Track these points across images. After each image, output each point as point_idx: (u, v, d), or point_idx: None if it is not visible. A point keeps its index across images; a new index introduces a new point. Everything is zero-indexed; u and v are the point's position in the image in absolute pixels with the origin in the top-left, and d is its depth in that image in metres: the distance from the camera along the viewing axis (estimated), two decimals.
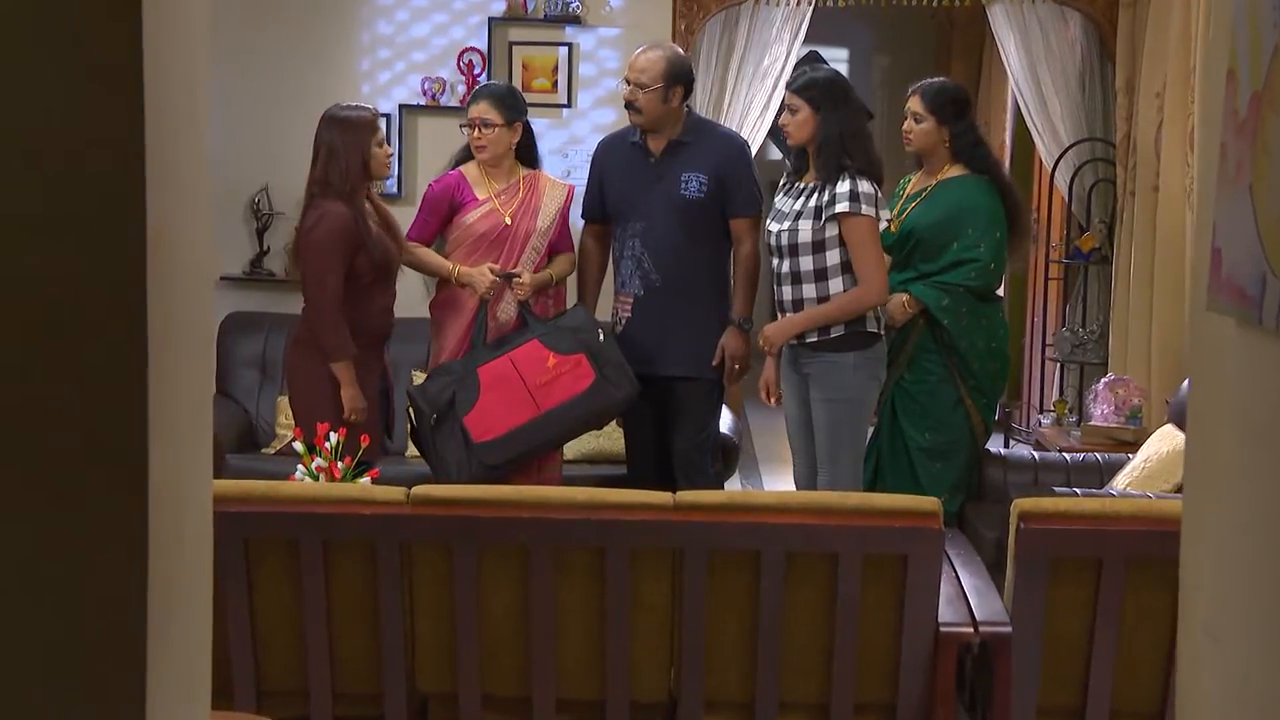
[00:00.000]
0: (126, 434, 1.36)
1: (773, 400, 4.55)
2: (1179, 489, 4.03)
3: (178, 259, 1.45)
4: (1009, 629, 3.07)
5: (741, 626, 3.07)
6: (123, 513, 1.37)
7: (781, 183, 4.45)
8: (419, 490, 3.14)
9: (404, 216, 4.65)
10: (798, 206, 4.30)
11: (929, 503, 3.10)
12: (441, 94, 5.79)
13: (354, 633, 3.13)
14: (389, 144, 5.68)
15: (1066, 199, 6.05)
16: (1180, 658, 1.58)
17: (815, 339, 4.28)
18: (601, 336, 4.33)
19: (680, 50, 4.70)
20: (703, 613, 3.04)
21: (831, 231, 4.23)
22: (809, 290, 4.27)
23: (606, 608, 3.05)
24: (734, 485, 5.96)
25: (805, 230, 4.25)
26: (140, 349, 1.36)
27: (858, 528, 3.03)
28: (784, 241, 4.29)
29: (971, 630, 3.09)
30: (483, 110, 4.42)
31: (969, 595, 3.27)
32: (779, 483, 6.39)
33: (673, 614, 3.08)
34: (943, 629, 3.07)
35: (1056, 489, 4.20)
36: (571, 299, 4.70)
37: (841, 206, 4.19)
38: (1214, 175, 1.45)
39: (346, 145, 4.20)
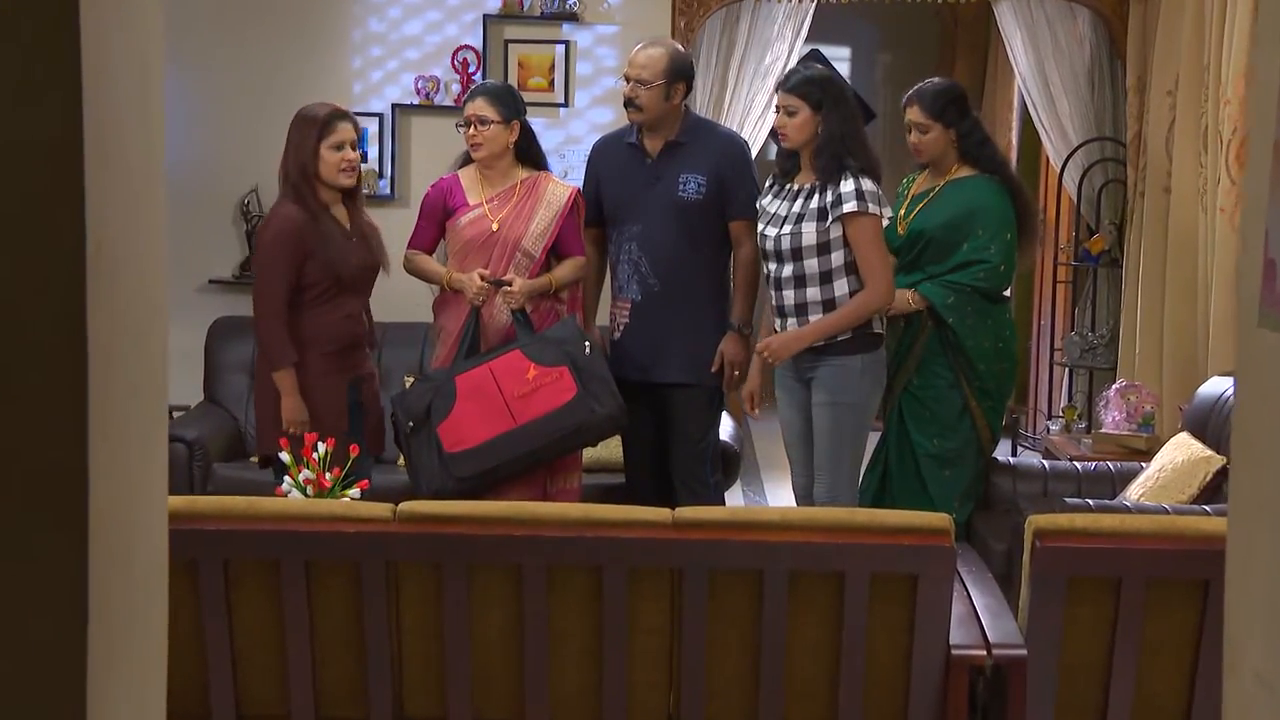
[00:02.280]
0: (63, 466, 1.25)
1: (756, 411, 4.43)
2: (1195, 500, 3.99)
3: (124, 272, 1.34)
4: (1023, 651, 2.97)
5: (744, 649, 2.97)
6: (59, 552, 1.26)
7: (768, 185, 4.32)
8: (406, 506, 3.04)
9: (397, 219, 4.58)
10: (796, 209, 4.18)
11: (940, 519, 2.99)
12: (435, 93, 5.70)
13: (338, 655, 3.04)
14: (382, 145, 5.65)
15: (1075, 200, 5.97)
16: (1227, 707, 1.45)
17: (821, 342, 4.17)
18: (589, 349, 4.17)
19: (681, 47, 4.61)
20: (703, 634, 2.95)
21: (836, 233, 4.13)
22: (813, 293, 4.16)
23: (603, 629, 2.96)
24: (735, 494, 5.86)
25: (809, 233, 4.13)
26: (79, 373, 1.25)
27: (865, 546, 2.94)
28: (785, 245, 4.16)
29: (984, 653, 2.99)
30: (478, 107, 4.29)
31: (981, 616, 3.16)
32: (782, 491, 6.27)
33: (672, 636, 2.99)
34: (954, 651, 2.97)
35: (1067, 499, 4.11)
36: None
37: (849, 206, 4.09)
38: (1265, 179, 1.32)
39: (295, 143, 4.11)
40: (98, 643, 1.28)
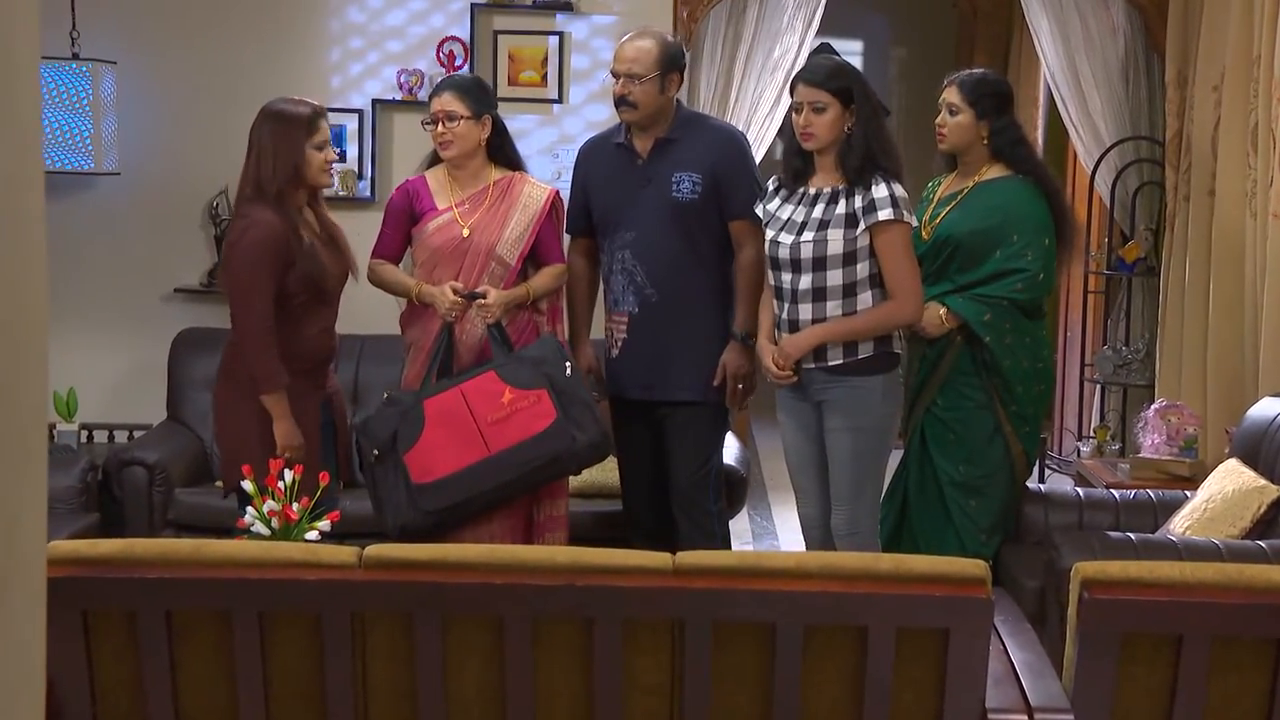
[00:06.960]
0: None
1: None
2: (1248, 534, 3.76)
3: None
4: (1070, 716, 2.74)
5: (753, 711, 2.76)
6: None
7: (773, 187, 4.03)
8: (373, 551, 2.82)
9: (377, 223, 4.38)
10: (818, 214, 3.89)
11: (975, 566, 2.75)
12: (419, 87, 5.50)
13: (297, 717, 2.83)
14: (362, 143, 5.45)
15: (1108, 204, 5.79)
16: None
17: (840, 361, 3.91)
18: (569, 371, 3.94)
19: (668, 35, 4.39)
20: (708, 694, 2.74)
21: (864, 241, 3.87)
22: (834, 308, 3.90)
23: (595, 688, 2.77)
24: (741, 521, 5.63)
25: (836, 240, 3.86)
26: None
27: (890, 596, 2.71)
28: (805, 254, 3.87)
29: (1025, 717, 2.76)
30: (445, 102, 4.06)
31: (1020, 674, 2.92)
32: (793, 518, 6.03)
33: (672, 696, 2.78)
34: (990, 715, 2.74)
35: (1109, 534, 3.92)
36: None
37: (885, 213, 3.82)
38: None
39: (276, 144, 3.84)
40: None
